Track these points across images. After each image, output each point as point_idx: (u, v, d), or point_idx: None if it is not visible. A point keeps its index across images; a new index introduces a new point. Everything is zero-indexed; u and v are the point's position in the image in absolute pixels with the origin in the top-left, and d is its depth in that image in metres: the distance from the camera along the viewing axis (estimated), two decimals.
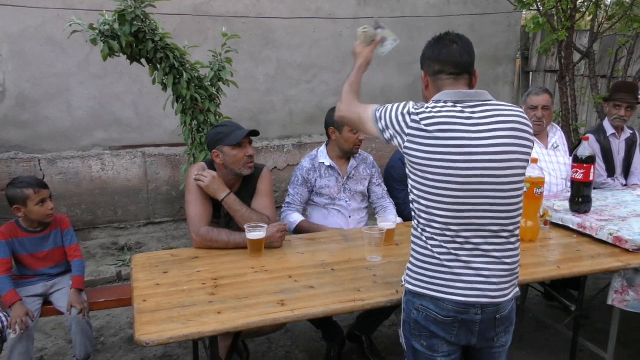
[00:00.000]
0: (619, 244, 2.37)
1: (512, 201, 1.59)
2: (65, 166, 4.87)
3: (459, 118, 1.56)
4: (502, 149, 1.55)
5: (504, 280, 1.61)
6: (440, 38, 1.74)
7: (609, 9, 4.90)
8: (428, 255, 1.62)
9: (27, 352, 2.57)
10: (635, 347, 3.13)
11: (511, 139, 1.57)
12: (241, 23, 5.25)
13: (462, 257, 1.58)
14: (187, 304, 1.84)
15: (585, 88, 5.55)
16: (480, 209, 1.56)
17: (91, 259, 4.48)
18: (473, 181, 1.54)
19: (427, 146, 1.55)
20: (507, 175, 1.57)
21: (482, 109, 1.60)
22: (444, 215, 1.56)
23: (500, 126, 1.56)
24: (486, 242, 1.59)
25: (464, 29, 6.29)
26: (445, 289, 1.59)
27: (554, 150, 3.34)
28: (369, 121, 1.76)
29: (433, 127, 1.55)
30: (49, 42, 4.71)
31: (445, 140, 1.53)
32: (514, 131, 1.58)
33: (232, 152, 2.47)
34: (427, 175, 1.56)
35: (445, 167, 1.54)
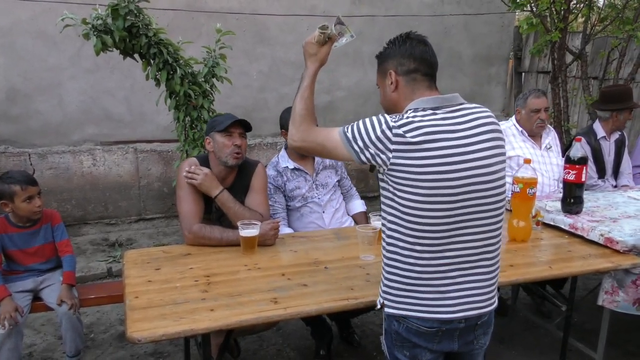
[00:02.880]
0: (610, 245, 2.39)
1: (499, 205, 1.55)
2: (56, 161, 4.83)
3: (443, 126, 1.48)
4: (487, 154, 1.51)
5: (489, 290, 1.57)
6: (407, 37, 1.64)
7: (602, 11, 4.93)
8: (414, 277, 1.51)
9: (16, 348, 2.55)
10: (625, 348, 3.16)
11: (493, 142, 1.53)
12: (235, 20, 5.23)
13: (451, 272, 1.51)
14: (180, 302, 1.83)
15: (577, 90, 5.58)
16: (473, 218, 1.50)
17: (82, 255, 4.45)
18: (464, 190, 1.47)
19: (417, 159, 1.44)
20: (494, 180, 1.52)
21: (461, 113, 1.53)
22: (435, 231, 1.47)
23: (481, 129, 1.52)
24: (477, 252, 1.53)
25: (458, 29, 6.32)
26: (430, 309, 1.52)
27: (547, 151, 3.36)
28: (339, 146, 1.56)
29: (420, 138, 1.45)
30: (40, 36, 4.66)
31: (434, 151, 1.44)
32: (493, 133, 1.54)
33: (220, 140, 2.46)
34: (419, 191, 1.45)
35: (436, 180, 1.44)
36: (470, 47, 6.50)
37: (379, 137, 1.48)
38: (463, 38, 6.41)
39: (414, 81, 1.59)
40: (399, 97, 1.61)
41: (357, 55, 5.84)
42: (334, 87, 5.75)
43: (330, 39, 1.80)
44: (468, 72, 6.56)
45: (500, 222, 1.58)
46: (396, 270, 1.54)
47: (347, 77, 5.79)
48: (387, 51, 1.67)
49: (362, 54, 5.89)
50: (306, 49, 1.82)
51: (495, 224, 1.56)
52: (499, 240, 1.60)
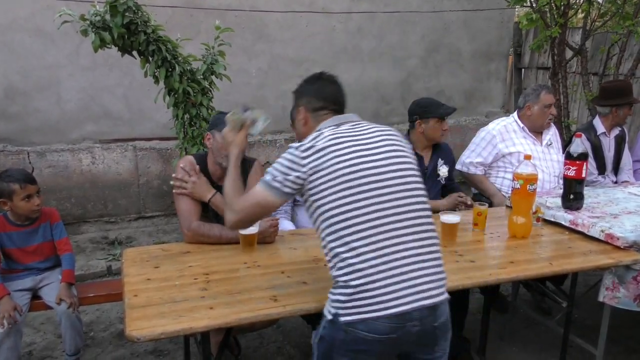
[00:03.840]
0: (610, 241, 2.38)
1: (417, 193, 1.64)
2: (55, 159, 4.82)
3: (345, 133, 1.66)
4: (392, 148, 1.66)
5: (437, 278, 1.59)
6: (318, 77, 1.84)
7: (602, 6, 4.91)
8: (360, 277, 1.51)
9: (16, 347, 2.54)
10: (625, 344, 3.15)
11: (395, 139, 1.70)
12: (234, 17, 5.21)
13: (393, 263, 1.53)
14: (179, 300, 1.82)
15: (578, 85, 5.57)
16: (395, 205, 1.58)
17: (81, 253, 4.44)
18: (380, 178, 1.59)
19: (329, 159, 1.59)
20: (405, 169, 1.65)
21: (362, 126, 1.73)
22: (365, 222, 1.54)
23: (383, 134, 1.70)
24: (412, 239, 1.58)
25: (457, 25, 6.31)
26: (379, 306, 1.50)
27: (548, 147, 3.35)
28: (265, 193, 1.69)
29: (326, 143, 1.62)
30: (38, 33, 4.64)
31: (340, 151, 1.60)
32: (396, 136, 1.73)
33: (220, 140, 2.44)
34: (340, 187, 1.56)
35: (347, 174, 1.57)
36: (470, 43, 6.48)
37: (291, 160, 1.64)
38: (462, 34, 6.40)
39: (319, 116, 1.79)
40: (307, 131, 1.78)
41: (356, 52, 5.82)
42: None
43: (245, 125, 2.00)
44: (468, 69, 6.54)
45: (422, 216, 1.63)
46: (344, 276, 1.54)
47: (347, 74, 5.76)
48: (301, 89, 1.87)
49: (361, 50, 5.87)
50: (225, 138, 2.03)
51: (419, 211, 1.63)
52: (431, 228, 1.65)
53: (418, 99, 3.21)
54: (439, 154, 3.19)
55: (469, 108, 6.68)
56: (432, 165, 3.16)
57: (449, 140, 6.31)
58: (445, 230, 2.44)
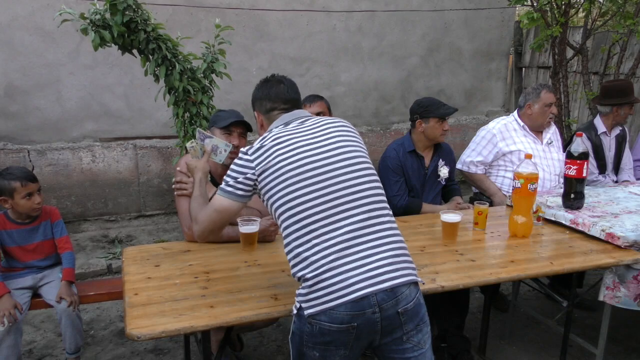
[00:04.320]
0: (611, 241, 2.39)
1: (365, 180, 1.66)
2: (55, 158, 4.81)
3: (291, 130, 1.72)
4: (338, 139, 1.71)
5: (396, 261, 1.58)
6: (267, 80, 1.90)
7: (603, 5, 4.91)
8: (315, 269, 1.53)
9: (16, 345, 2.54)
10: (626, 343, 3.15)
11: (343, 131, 1.75)
12: (234, 15, 5.21)
13: (346, 250, 1.55)
14: (180, 298, 1.82)
15: (578, 85, 5.57)
16: (342, 194, 1.61)
17: (81, 251, 4.44)
18: (325, 170, 1.63)
19: (274, 159, 1.65)
20: (351, 158, 1.68)
21: (311, 121, 1.78)
22: (315, 213, 1.58)
23: (330, 125, 1.75)
24: (363, 225, 1.59)
25: (458, 24, 6.30)
26: (336, 294, 1.50)
27: (549, 146, 3.35)
28: (222, 201, 1.75)
29: (272, 142, 1.68)
30: (38, 31, 4.64)
31: (285, 147, 1.66)
32: (344, 127, 1.78)
33: (220, 137, 2.44)
34: (288, 182, 1.61)
35: (293, 169, 1.62)
36: (471, 43, 6.48)
37: (241, 165, 1.71)
38: (463, 33, 6.39)
39: (272, 117, 1.85)
40: (265, 132, 1.82)
41: (356, 51, 5.81)
42: (334, 82, 5.72)
43: (206, 151, 2.15)
44: (468, 68, 6.54)
45: (376, 197, 1.67)
46: (301, 271, 1.57)
47: (347, 73, 5.77)
48: (253, 94, 1.93)
49: (362, 49, 5.87)
50: (189, 166, 2.14)
51: (369, 197, 1.65)
52: (382, 213, 1.66)
53: (420, 99, 3.21)
54: (439, 155, 3.18)
55: (469, 107, 6.67)
56: (433, 165, 3.16)
57: (449, 139, 6.34)
58: (446, 229, 2.44)
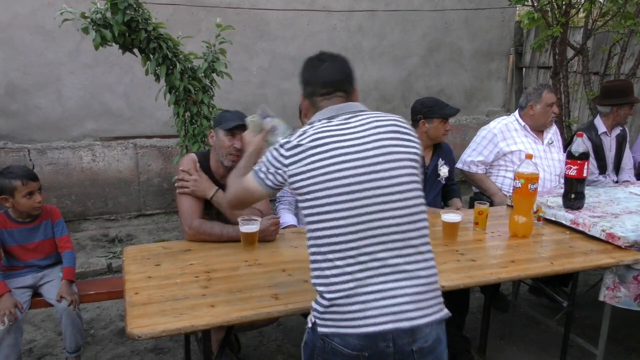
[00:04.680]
0: (611, 241, 2.38)
1: (407, 204, 1.47)
2: (56, 157, 4.81)
3: (333, 131, 1.51)
4: (384, 151, 1.49)
5: (421, 298, 1.43)
6: (310, 59, 1.69)
7: (603, 6, 4.91)
8: (334, 290, 1.43)
9: (16, 344, 2.54)
10: (626, 343, 3.15)
11: (393, 141, 1.51)
12: (235, 14, 5.21)
13: (370, 280, 1.42)
14: (180, 297, 1.82)
15: (579, 85, 5.57)
16: (377, 217, 1.44)
17: (81, 250, 4.44)
18: (361, 188, 1.44)
19: (308, 164, 1.47)
20: (394, 177, 1.47)
21: (357, 118, 1.55)
22: (342, 234, 1.43)
23: (378, 130, 1.52)
24: (393, 255, 1.44)
25: (458, 24, 6.30)
26: (354, 322, 1.40)
27: (549, 146, 3.35)
28: (252, 181, 1.65)
29: (307, 139, 1.50)
30: (39, 30, 4.64)
31: (323, 153, 1.47)
32: (395, 133, 1.53)
33: (222, 138, 2.45)
34: (317, 194, 1.46)
35: (329, 180, 1.45)
36: (471, 42, 6.48)
37: (275, 157, 1.56)
38: (464, 33, 6.39)
39: (315, 102, 1.66)
40: (308, 120, 1.67)
41: (357, 51, 5.81)
42: None
43: (263, 129, 2.01)
44: (468, 68, 6.54)
45: (417, 223, 1.48)
46: (320, 287, 1.47)
47: None
48: (300, 76, 1.73)
49: (362, 49, 5.87)
50: (243, 138, 2.06)
51: (410, 224, 1.47)
52: (423, 244, 1.49)
53: (422, 98, 3.20)
54: (439, 154, 3.18)
55: (469, 107, 6.67)
56: (433, 165, 3.16)
57: (449, 139, 6.31)
58: (446, 229, 2.45)
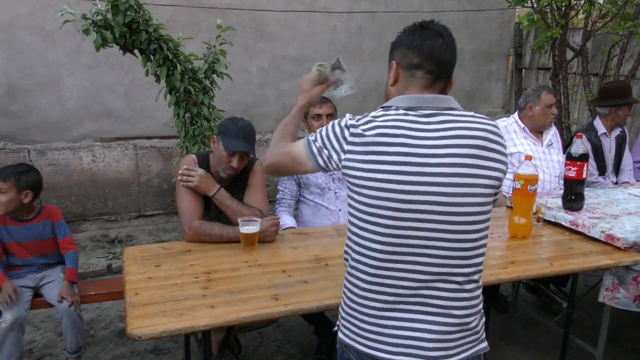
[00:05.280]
0: (611, 242, 2.39)
1: (467, 237, 1.29)
2: (56, 157, 4.82)
3: (406, 129, 1.28)
4: (457, 171, 1.26)
5: (448, 338, 1.30)
6: (425, 27, 1.37)
7: (603, 7, 4.92)
8: (356, 301, 1.35)
9: (18, 342, 2.56)
10: (625, 345, 3.16)
11: (475, 160, 1.27)
12: (235, 15, 5.22)
13: (394, 305, 1.30)
14: (180, 298, 1.82)
15: (578, 86, 5.58)
16: (424, 244, 1.28)
17: (81, 251, 4.44)
18: (412, 208, 1.26)
19: (367, 162, 1.28)
20: (462, 204, 1.27)
21: (441, 118, 1.30)
22: (379, 243, 1.28)
23: (460, 142, 1.27)
24: (429, 286, 1.29)
25: (458, 25, 6.30)
26: (367, 342, 1.33)
27: (549, 148, 3.35)
28: (302, 152, 1.46)
29: (372, 131, 1.29)
30: (39, 31, 4.64)
31: (386, 155, 1.26)
32: (480, 150, 1.28)
33: (222, 152, 2.43)
34: (366, 192, 1.28)
35: (384, 182, 1.26)
36: (471, 44, 6.48)
37: (336, 136, 1.37)
38: (463, 34, 6.40)
39: (412, 77, 1.37)
40: (395, 91, 1.41)
41: (356, 52, 5.82)
42: None
43: (327, 81, 1.76)
44: (468, 69, 6.54)
45: (471, 259, 1.31)
46: (345, 289, 1.39)
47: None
48: (397, 39, 1.43)
49: (362, 50, 5.88)
50: (300, 84, 1.79)
51: (461, 259, 1.29)
52: (471, 281, 1.32)
53: None
54: None
55: (469, 108, 6.58)
56: None
57: None
58: None
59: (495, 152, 1.30)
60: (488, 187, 1.30)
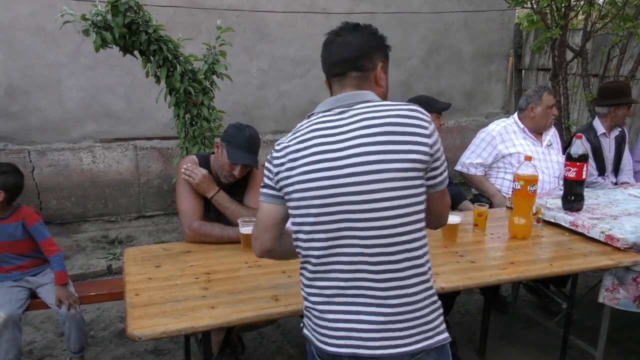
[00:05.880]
0: (610, 243, 2.39)
1: (389, 223, 1.28)
2: (56, 158, 4.82)
3: (321, 127, 1.34)
4: (365, 159, 1.27)
5: (391, 327, 1.29)
6: (329, 34, 1.47)
7: (602, 8, 4.92)
8: (306, 297, 1.40)
9: (15, 339, 2.56)
10: (625, 345, 3.16)
11: (379, 146, 1.27)
12: (235, 16, 5.22)
13: (335, 298, 1.33)
14: (180, 299, 1.83)
15: (578, 87, 5.58)
16: (351, 235, 1.30)
17: (81, 252, 4.44)
18: (335, 201, 1.29)
19: (289, 169, 1.34)
20: (375, 191, 1.27)
21: (352, 112, 1.33)
22: (315, 246, 1.33)
23: (367, 131, 1.28)
24: (363, 277, 1.30)
25: (458, 26, 6.32)
26: (319, 337, 1.36)
27: (548, 148, 3.36)
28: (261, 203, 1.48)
29: (294, 140, 1.35)
30: (40, 32, 4.65)
31: (305, 158, 1.32)
32: (387, 135, 1.27)
33: (225, 160, 2.40)
34: (294, 196, 1.34)
35: (305, 182, 1.31)
36: (471, 44, 6.49)
37: (269, 161, 1.42)
38: (463, 35, 6.40)
39: (331, 84, 1.46)
40: None
41: None
42: None
43: None
44: (468, 70, 6.55)
45: (398, 246, 1.29)
46: (302, 280, 1.43)
47: None
48: None
49: None
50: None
51: (383, 248, 1.29)
52: (402, 267, 1.30)
53: (416, 97, 3.23)
54: None
55: (469, 109, 6.69)
56: None
57: (449, 140, 6.35)
58: (446, 231, 2.45)
59: (409, 134, 1.28)
60: (402, 171, 1.27)
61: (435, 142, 1.32)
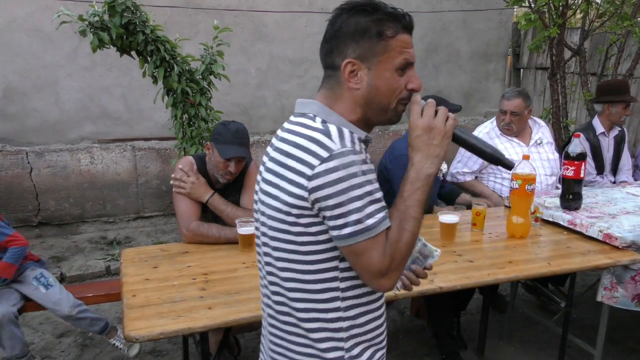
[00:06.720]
0: (609, 241, 2.39)
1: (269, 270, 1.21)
2: (54, 159, 4.81)
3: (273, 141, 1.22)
4: (263, 188, 1.17)
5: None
6: None
7: (600, 7, 4.92)
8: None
9: (15, 335, 2.59)
10: (624, 344, 3.16)
11: (271, 176, 1.13)
12: (233, 16, 5.21)
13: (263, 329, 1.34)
14: (178, 300, 1.82)
15: (576, 86, 5.58)
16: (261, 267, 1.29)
17: (79, 253, 4.44)
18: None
19: None
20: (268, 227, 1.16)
21: (286, 127, 1.17)
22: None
23: (269, 157, 1.17)
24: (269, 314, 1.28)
25: (456, 25, 6.31)
26: None
27: (537, 146, 3.33)
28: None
29: None
30: (37, 33, 4.64)
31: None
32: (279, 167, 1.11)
33: (218, 159, 2.40)
34: None
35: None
36: (469, 44, 6.49)
37: None
38: (461, 34, 6.40)
39: None
40: None
41: None
42: None
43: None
44: (466, 69, 6.55)
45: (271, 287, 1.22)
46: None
47: None
48: None
49: None
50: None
51: (269, 287, 1.23)
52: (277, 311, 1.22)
53: (427, 95, 3.20)
54: None
55: (467, 108, 6.68)
56: None
57: None
58: (444, 230, 2.45)
59: (294, 171, 1.06)
60: (279, 211, 1.10)
61: (319, 187, 1.03)
